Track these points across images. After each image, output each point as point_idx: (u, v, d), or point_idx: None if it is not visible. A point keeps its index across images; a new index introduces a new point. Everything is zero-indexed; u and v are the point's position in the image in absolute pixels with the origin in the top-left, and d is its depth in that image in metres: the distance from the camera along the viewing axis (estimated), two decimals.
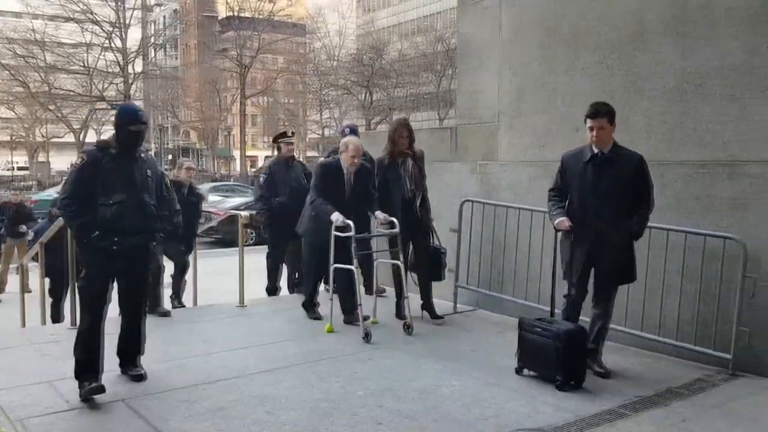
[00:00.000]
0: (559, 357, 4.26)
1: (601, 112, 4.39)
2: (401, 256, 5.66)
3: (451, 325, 5.95)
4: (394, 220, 5.64)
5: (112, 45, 37.46)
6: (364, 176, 5.85)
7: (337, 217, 5.47)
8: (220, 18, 58.26)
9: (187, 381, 4.38)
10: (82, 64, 37.42)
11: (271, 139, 10.97)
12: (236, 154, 44.62)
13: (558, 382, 4.26)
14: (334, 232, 5.50)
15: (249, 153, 53.98)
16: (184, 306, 7.04)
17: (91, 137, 38.88)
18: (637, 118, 5.24)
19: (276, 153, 7.54)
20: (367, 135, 10.60)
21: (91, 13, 36.30)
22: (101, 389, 3.98)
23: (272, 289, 7.30)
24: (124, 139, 4.18)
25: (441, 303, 6.24)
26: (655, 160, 4.79)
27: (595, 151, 4.44)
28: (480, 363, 4.82)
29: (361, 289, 5.62)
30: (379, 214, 5.71)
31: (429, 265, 6.03)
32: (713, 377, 4.56)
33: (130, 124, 4.16)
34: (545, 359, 4.34)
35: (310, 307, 6.17)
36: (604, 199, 4.39)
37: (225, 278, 7.25)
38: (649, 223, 4.59)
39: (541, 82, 5.97)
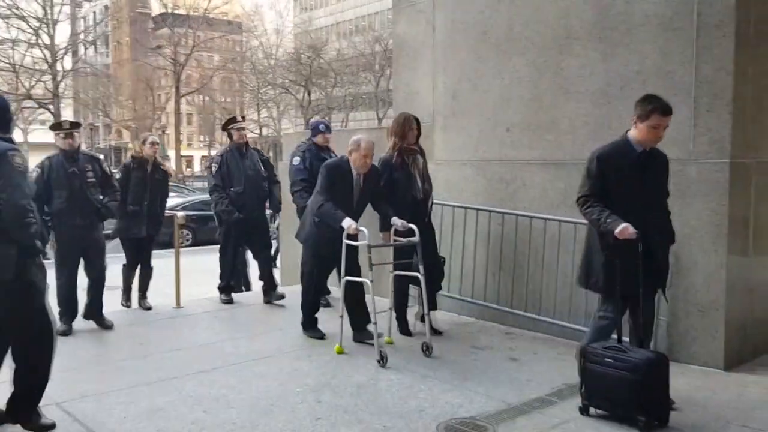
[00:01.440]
0: (639, 393, 3.58)
1: (671, 111, 3.96)
2: (422, 268, 5.00)
3: (451, 339, 5.59)
4: (414, 227, 5.04)
5: (40, 41, 36.10)
6: (374, 178, 5.31)
7: (349, 223, 4.91)
8: (153, 15, 56.93)
9: (124, 383, 4.34)
10: (7, 61, 35.90)
11: (207, 139, 10.51)
12: (171, 153, 43.74)
13: (640, 424, 3.62)
14: (346, 241, 5.02)
15: (184, 153, 52.94)
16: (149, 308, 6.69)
17: (17, 137, 37.25)
18: (564, 119, 5.48)
19: (228, 141, 6.96)
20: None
21: (17, 8, 34.88)
22: None
23: (225, 287, 6.87)
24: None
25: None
26: (581, 159, 5.01)
27: (640, 149, 3.96)
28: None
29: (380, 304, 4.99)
30: (395, 220, 5.11)
31: (437, 273, 5.58)
32: None
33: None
34: (621, 396, 3.65)
35: (310, 324, 5.55)
36: (653, 202, 4.00)
37: (160, 281, 7.16)
38: (574, 219, 4.84)
39: (473, 84, 6.15)
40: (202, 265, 8.72)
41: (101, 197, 5.81)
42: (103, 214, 5.80)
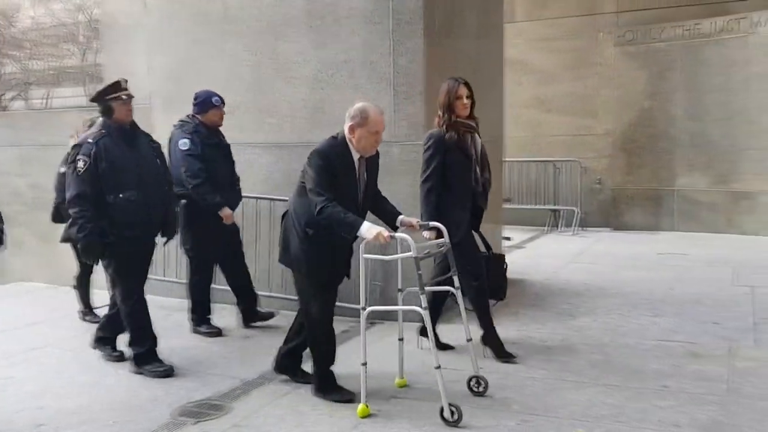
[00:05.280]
0: None
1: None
2: (456, 279, 3.87)
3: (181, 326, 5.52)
4: (440, 226, 3.92)
5: None
6: (375, 164, 3.98)
7: (375, 230, 3.49)
8: None
9: None
10: None
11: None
12: None
13: None
14: (367, 256, 3.70)
15: None
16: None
17: None
18: (284, 103, 5.73)
19: (100, 120, 4.51)
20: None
21: None
22: None
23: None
24: None
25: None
26: (300, 142, 5.35)
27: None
28: None
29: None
30: (406, 219, 3.91)
31: (498, 280, 4.51)
32: (357, 326, 5.28)
33: None
34: None
35: (332, 386, 3.89)
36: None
37: None
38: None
39: (192, 66, 6.08)
40: None
41: None
42: None
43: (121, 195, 4.25)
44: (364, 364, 3.60)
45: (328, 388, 3.87)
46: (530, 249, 8.84)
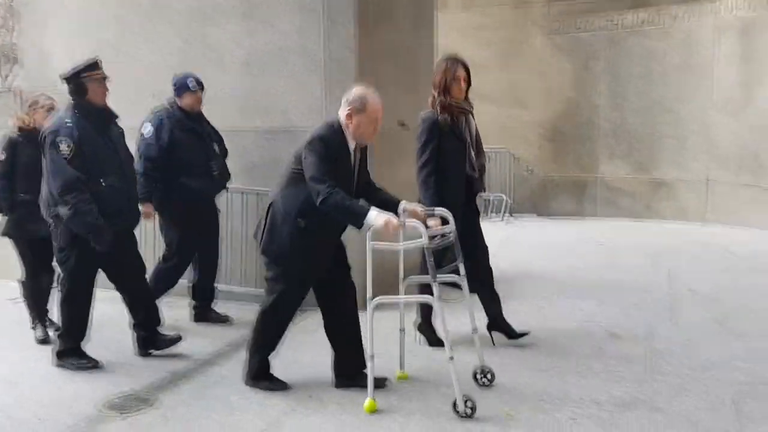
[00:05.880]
0: None
1: None
2: (461, 267, 3.73)
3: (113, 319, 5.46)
4: (446, 213, 3.72)
5: None
6: (365, 154, 3.82)
7: (377, 217, 3.36)
8: None
9: None
10: None
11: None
12: None
13: None
14: (373, 244, 3.46)
15: None
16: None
17: None
18: (216, 89, 5.61)
19: (71, 101, 4.17)
20: None
21: None
22: None
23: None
24: None
25: None
26: (233, 128, 5.29)
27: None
28: None
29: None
30: (408, 205, 3.72)
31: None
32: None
33: None
34: None
35: (266, 375, 3.83)
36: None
37: None
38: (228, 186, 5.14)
39: (117, 50, 5.88)
40: None
41: None
42: None
43: (103, 182, 4.02)
44: (372, 356, 3.47)
45: (262, 376, 3.80)
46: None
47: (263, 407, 3.58)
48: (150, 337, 4.36)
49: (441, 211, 3.73)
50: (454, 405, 3.38)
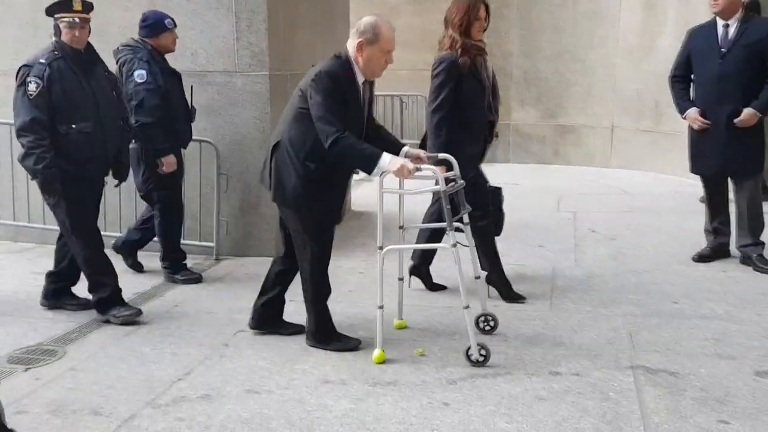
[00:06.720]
0: None
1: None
2: (466, 216, 3.60)
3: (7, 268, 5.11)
4: (451, 158, 3.53)
5: None
6: (372, 91, 3.57)
7: (391, 162, 3.19)
8: None
9: None
10: None
11: None
12: None
13: None
14: (385, 190, 3.38)
15: None
16: None
17: None
18: (114, 27, 5.29)
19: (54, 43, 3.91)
20: None
21: None
22: None
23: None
24: None
25: None
26: None
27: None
28: None
29: None
30: (412, 150, 3.55)
31: (497, 215, 4.33)
32: (202, 264, 5.21)
33: None
34: None
35: (331, 334, 3.60)
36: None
37: None
38: None
39: None
40: None
41: None
42: None
43: (73, 126, 3.79)
44: (381, 307, 3.39)
45: (329, 337, 3.56)
46: (375, 182, 9.01)
47: (177, 357, 3.54)
48: (60, 291, 4.19)
49: (444, 156, 3.58)
50: (467, 353, 3.36)
